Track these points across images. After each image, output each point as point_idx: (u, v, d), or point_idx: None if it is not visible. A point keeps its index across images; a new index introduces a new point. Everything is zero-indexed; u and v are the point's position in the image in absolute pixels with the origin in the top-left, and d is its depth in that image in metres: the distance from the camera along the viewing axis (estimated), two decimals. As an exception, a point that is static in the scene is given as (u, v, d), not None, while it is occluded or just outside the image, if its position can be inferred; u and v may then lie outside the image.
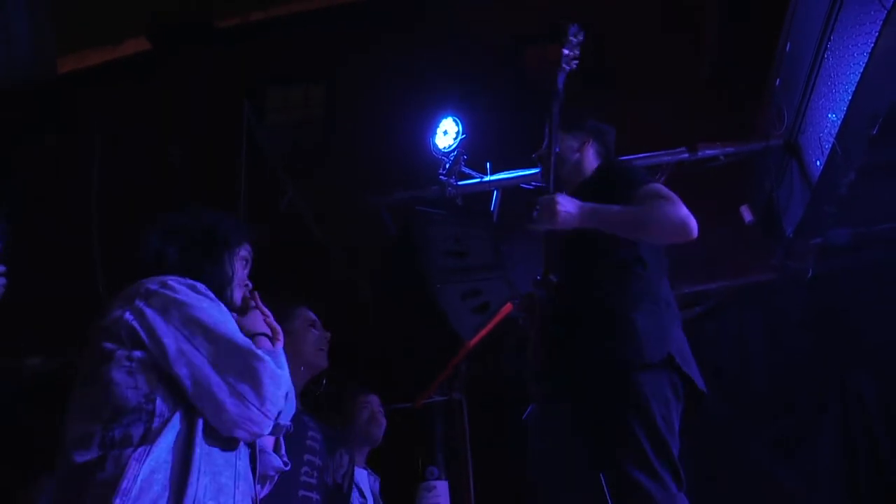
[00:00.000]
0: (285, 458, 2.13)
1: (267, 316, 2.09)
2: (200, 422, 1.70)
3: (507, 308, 3.99)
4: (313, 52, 6.36)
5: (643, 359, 2.42)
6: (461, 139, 4.27)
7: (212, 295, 1.87)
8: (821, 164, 4.32)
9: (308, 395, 3.11)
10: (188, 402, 1.71)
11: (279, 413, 1.77)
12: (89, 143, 5.81)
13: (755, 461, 4.87)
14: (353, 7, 6.29)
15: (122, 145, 5.82)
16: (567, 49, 2.79)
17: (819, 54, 4.05)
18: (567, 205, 2.52)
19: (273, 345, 2.00)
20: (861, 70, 3.62)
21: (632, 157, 4.56)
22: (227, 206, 4.91)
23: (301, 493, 2.85)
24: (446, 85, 4.72)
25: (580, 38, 2.82)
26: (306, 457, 2.95)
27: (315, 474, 2.96)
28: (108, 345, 1.73)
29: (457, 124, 4.33)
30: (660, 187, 2.66)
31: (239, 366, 1.72)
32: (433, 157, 4.33)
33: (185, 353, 1.71)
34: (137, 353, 1.72)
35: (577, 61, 2.83)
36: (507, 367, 4.98)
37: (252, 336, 1.95)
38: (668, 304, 2.63)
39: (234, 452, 1.79)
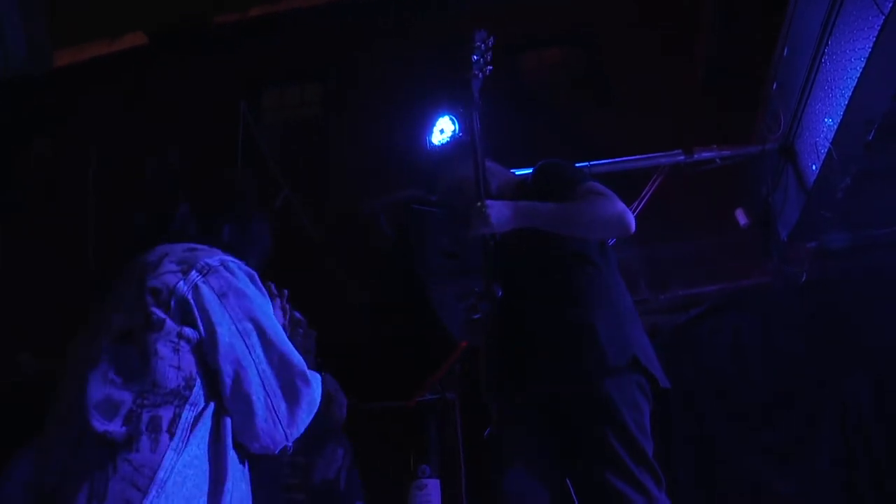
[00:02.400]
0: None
1: (285, 312, 2.00)
2: (229, 422, 1.59)
3: (500, 309, 3.98)
4: (310, 50, 6.36)
5: (609, 365, 2.36)
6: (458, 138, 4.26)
7: (266, 292, 1.76)
8: (817, 168, 4.32)
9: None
10: (221, 399, 1.59)
11: (295, 437, 1.68)
12: (85, 139, 5.80)
13: (751, 466, 4.86)
14: (351, 5, 6.29)
15: (118, 142, 5.82)
16: (476, 55, 2.76)
17: (816, 59, 4.05)
18: (498, 207, 2.47)
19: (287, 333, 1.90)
20: (858, 75, 3.63)
21: (627, 158, 4.56)
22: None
23: (284, 495, 2.83)
24: (443, 83, 4.70)
25: (489, 43, 2.78)
26: (298, 458, 2.92)
27: (299, 475, 2.93)
28: (158, 311, 1.58)
29: (454, 123, 4.31)
30: (596, 184, 2.63)
31: (285, 381, 1.61)
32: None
33: (236, 349, 1.59)
34: (188, 331, 1.58)
35: (490, 67, 2.80)
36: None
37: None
38: (625, 303, 2.59)
39: (246, 459, 1.69)
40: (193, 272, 1.63)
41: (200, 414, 1.55)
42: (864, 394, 4.90)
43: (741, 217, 5.07)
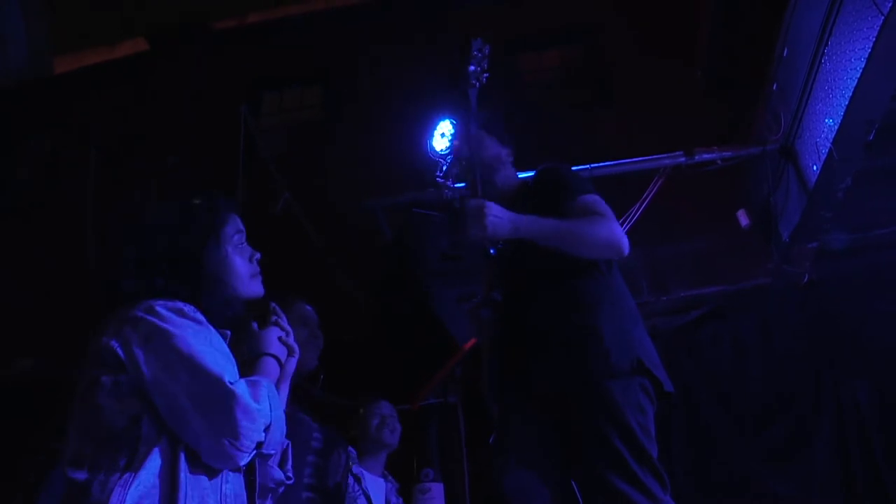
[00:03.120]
0: (290, 473, 2.10)
1: (286, 334, 2.03)
2: (182, 451, 1.70)
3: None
4: (309, 54, 6.37)
5: (613, 368, 2.35)
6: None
7: (200, 317, 1.83)
8: (817, 168, 4.33)
9: (301, 391, 3.08)
10: (172, 429, 1.71)
11: (258, 444, 1.74)
12: (85, 143, 5.80)
13: (750, 467, 4.85)
14: (349, 10, 6.30)
15: (118, 148, 5.82)
16: (474, 65, 2.74)
17: (816, 59, 4.06)
18: (497, 212, 2.42)
19: (282, 365, 1.96)
20: (858, 75, 3.63)
21: (630, 160, 4.56)
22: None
23: (304, 494, 2.84)
24: (444, 87, 4.71)
25: (486, 51, 2.76)
26: (309, 458, 2.93)
27: (316, 476, 2.95)
28: (96, 370, 1.74)
29: (454, 126, 4.31)
30: (597, 200, 2.60)
31: (212, 399, 1.69)
32: (430, 160, 4.32)
33: (162, 383, 1.70)
34: (123, 378, 1.72)
35: (487, 74, 2.78)
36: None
37: (258, 357, 1.93)
38: (628, 306, 2.58)
39: (219, 477, 1.78)
40: (126, 328, 1.77)
41: (151, 448, 1.68)
42: (863, 395, 4.89)
43: (742, 218, 5.07)
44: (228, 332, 1.93)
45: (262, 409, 1.74)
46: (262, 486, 1.96)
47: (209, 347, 1.77)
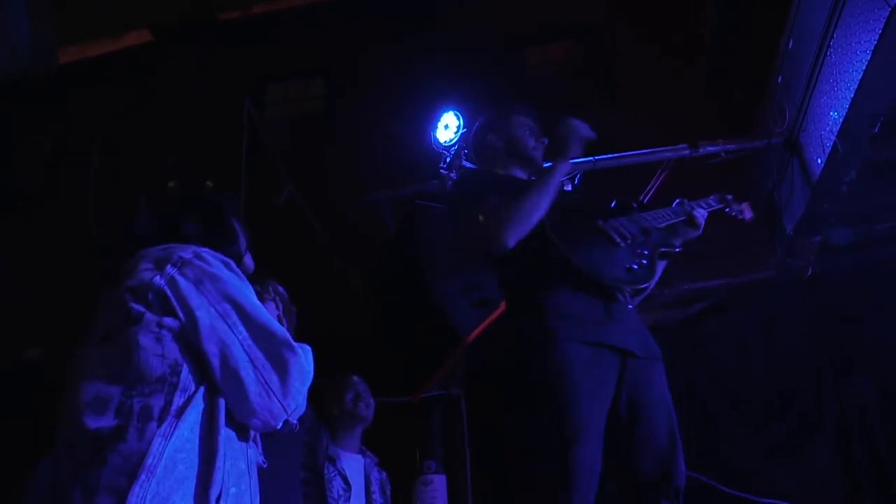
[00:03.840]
0: (262, 457, 2.11)
1: (279, 308, 2.05)
2: (223, 402, 1.64)
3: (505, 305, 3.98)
4: (313, 45, 6.36)
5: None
6: (462, 133, 4.26)
7: (242, 275, 1.81)
8: (822, 161, 4.31)
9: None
10: (212, 380, 1.65)
11: (295, 409, 1.71)
12: (88, 135, 5.80)
13: (752, 463, 4.84)
14: (353, 1, 6.29)
15: (121, 139, 5.82)
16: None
17: (822, 51, 4.04)
18: None
19: None
20: (864, 68, 3.61)
21: (634, 153, 4.55)
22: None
23: (302, 474, 2.87)
24: (448, 78, 4.71)
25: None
26: (304, 437, 2.97)
27: (310, 456, 2.98)
28: (137, 306, 1.65)
29: (458, 118, 4.32)
30: None
31: (271, 353, 1.65)
32: (434, 151, 4.32)
33: (218, 330, 1.64)
34: (168, 321, 1.64)
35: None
36: (504, 362, 4.97)
37: None
38: None
39: (248, 439, 1.76)
40: (168, 266, 1.69)
41: (190, 399, 1.60)
42: (867, 391, 4.88)
43: (747, 211, 5.04)
44: None
45: (311, 371, 1.74)
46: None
47: (259, 302, 1.76)
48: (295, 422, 1.79)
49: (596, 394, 2.41)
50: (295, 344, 1.71)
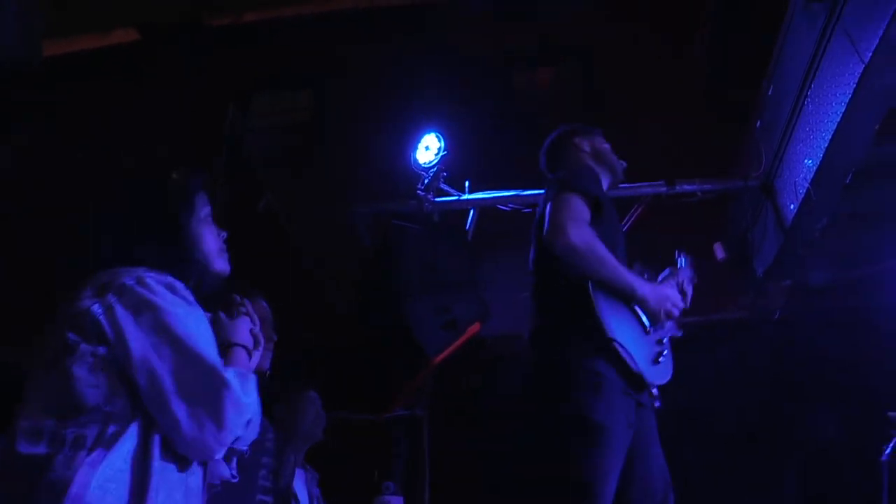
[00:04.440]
0: (234, 472, 2.08)
1: (254, 324, 1.99)
2: (158, 434, 1.62)
3: (476, 327, 3.98)
4: (304, 57, 6.36)
5: None
6: (442, 156, 4.29)
7: (190, 297, 1.76)
8: (795, 207, 4.37)
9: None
10: (147, 411, 1.62)
11: (236, 439, 1.69)
12: (69, 132, 5.76)
13: (719, 498, 4.87)
14: (347, 15, 6.31)
15: (101, 137, 5.78)
16: None
17: (800, 100, 4.11)
18: None
19: (250, 356, 1.90)
20: (838, 119, 3.67)
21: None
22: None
23: (258, 497, 2.82)
24: (432, 100, 4.74)
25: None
26: (264, 459, 2.92)
27: (270, 478, 2.94)
28: (73, 336, 1.62)
29: (439, 140, 4.34)
30: None
31: (202, 386, 1.61)
32: (413, 172, 4.34)
33: (149, 361, 1.62)
34: (102, 350, 1.62)
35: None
36: (472, 386, 4.99)
37: (229, 346, 1.85)
38: None
39: (188, 469, 1.71)
40: (109, 294, 1.67)
41: (124, 429, 1.58)
42: (833, 431, 4.93)
43: (719, 251, 5.10)
44: (209, 315, 1.89)
45: (250, 402, 1.70)
46: (209, 483, 1.90)
47: (200, 330, 1.72)
48: (244, 448, 1.79)
49: (624, 445, 2.50)
50: (231, 374, 1.68)
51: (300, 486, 3.50)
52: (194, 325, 1.70)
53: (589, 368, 2.45)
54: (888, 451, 3.98)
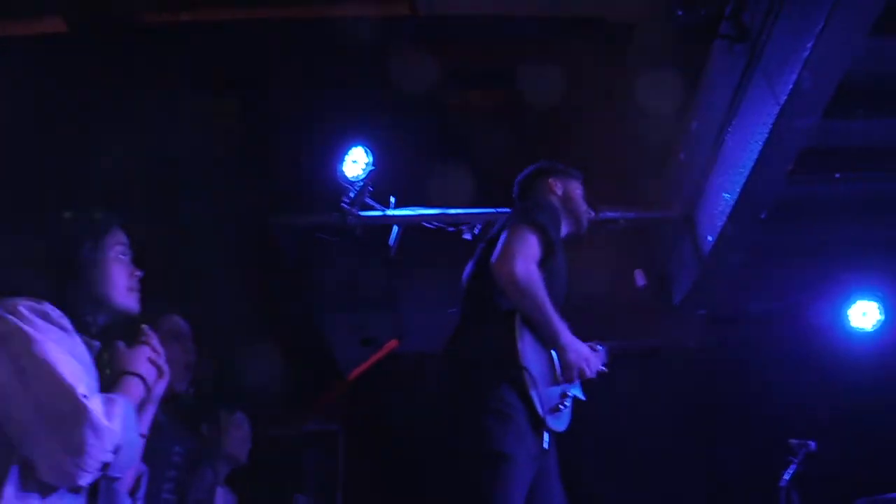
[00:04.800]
0: (140, 503, 2.03)
1: (157, 355, 1.97)
2: (16, 464, 1.62)
3: (393, 344, 3.97)
4: (233, 62, 6.26)
5: None
6: (369, 170, 4.26)
7: (67, 324, 1.77)
8: (712, 239, 4.50)
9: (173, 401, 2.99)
10: (8, 439, 1.63)
11: (104, 465, 1.67)
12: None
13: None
14: (282, 24, 6.23)
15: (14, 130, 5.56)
16: None
17: (720, 136, 4.24)
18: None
19: (150, 387, 1.89)
20: (756, 157, 3.81)
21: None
22: (120, 204, 4.76)
23: (151, 511, 2.74)
24: (362, 114, 4.71)
25: None
26: (169, 473, 2.85)
27: (177, 492, 2.86)
28: None
29: (367, 154, 4.32)
30: None
31: (61, 412, 1.62)
32: (338, 185, 4.30)
33: (11, 388, 1.63)
34: None
35: None
36: (388, 403, 4.95)
37: (121, 375, 1.84)
38: None
39: (53, 496, 1.69)
40: None
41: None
42: (737, 461, 5.05)
43: (639, 278, 5.20)
44: (97, 344, 1.87)
45: (113, 428, 1.68)
46: None
47: (68, 356, 1.71)
48: (119, 475, 1.77)
49: (529, 476, 2.50)
50: (96, 401, 1.68)
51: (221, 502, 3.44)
52: (62, 352, 1.70)
53: (500, 396, 2.45)
54: (787, 477, 4.09)
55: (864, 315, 5.19)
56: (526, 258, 2.53)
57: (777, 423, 5.01)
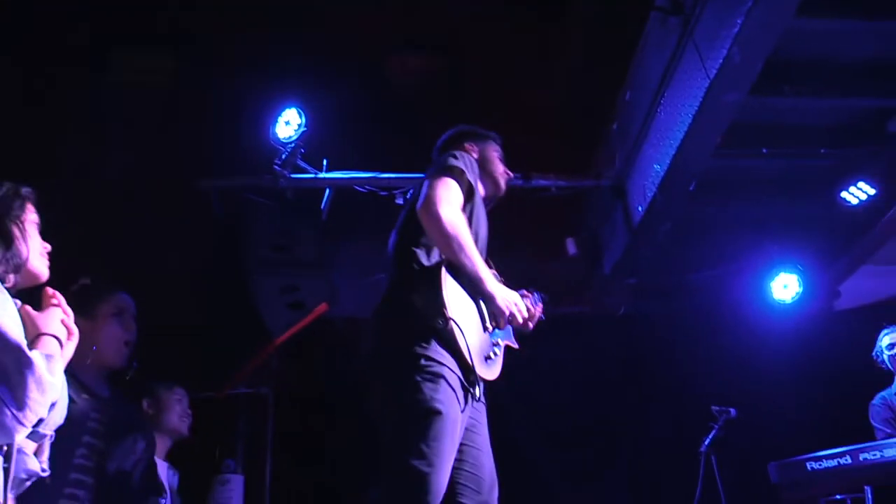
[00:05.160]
0: (45, 466, 2.00)
1: (66, 316, 1.96)
2: None
3: (323, 308, 3.94)
4: (168, 18, 6.07)
5: None
6: (302, 132, 4.20)
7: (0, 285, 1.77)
8: (642, 209, 4.57)
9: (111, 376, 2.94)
10: None
11: (40, 422, 1.67)
12: None
13: (551, 487, 5.02)
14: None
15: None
16: None
17: (653, 107, 4.29)
18: None
19: (62, 347, 1.88)
20: (686, 129, 3.87)
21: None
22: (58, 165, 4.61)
23: (73, 475, 2.68)
24: (296, 75, 4.62)
25: None
26: (85, 438, 2.79)
27: (94, 458, 2.80)
28: None
29: (300, 116, 4.25)
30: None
31: (6, 365, 1.62)
32: (271, 146, 4.22)
33: None
34: None
35: None
36: (318, 367, 4.94)
37: (37, 336, 1.83)
38: None
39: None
40: None
41: None
42: (659, 428, 5.18)
43: (571, 246, 5.26)
44: (19, 302, 1.87)
45: (56, 383, 1.69)
46: (15, 477, 1.85)
47: (5, 312, 1.71)
48: (49, 434, 1.77)
49: (459, 433, 2.49)
50: (37, 354, 1.68)
51: (162, 475, 3.41)
52: (2, 307, 1.71)
53: (428, 351, 2.46)
54: (706, 442, 4.23)
55: (784, 287, 5.36)
56: (449, 202, 2.53)
57: (700, 390, 5.17)
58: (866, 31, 4.04)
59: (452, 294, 2.48)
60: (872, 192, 4.66)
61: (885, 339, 4.29)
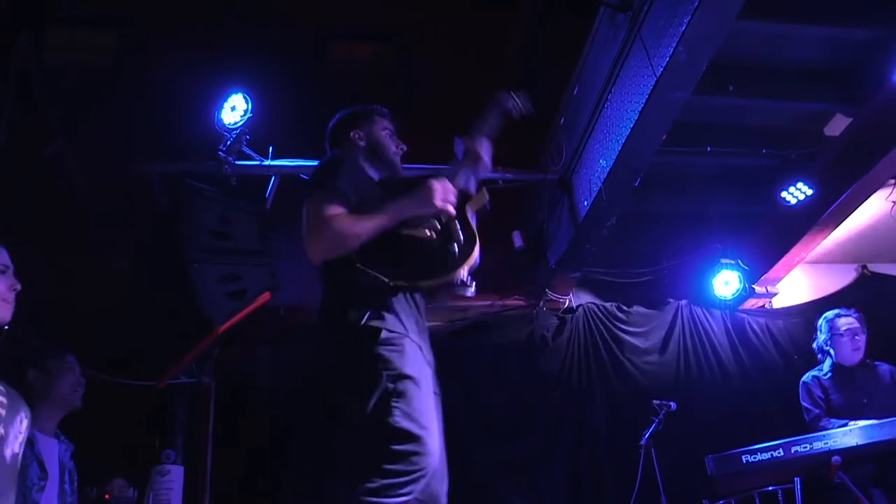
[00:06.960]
0: None
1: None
2: None
3: (265, 297, 3.88)
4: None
5: None
6: (248, 118, 4.12)
7: None
8: (588, 204, 4.61)
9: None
10: None
11: None
12: None
13: (490, 479, 5.03)
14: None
15: None
16: None
17: (600, 103, 4.33)
18: None
19: None
20: (632, 126, 3.91)
21: (413, 166, 4.60)
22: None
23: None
24: (244, 60, 4.54)
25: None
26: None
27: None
28: None
29: (246, 102, 4.17)
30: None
31: None
32: (215, 132, 4.14)
33: None
34: None
35: None
36: (259, 356, 4.87)
37: None
38: None
39: None
40: None
41: None
42: (601, 421, 5.22)
43: (517, 239, 5.28)
44: None
45: None
46: None
47: None
48: None
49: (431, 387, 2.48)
50: None
51: (50, 454, 3.24)
52: None
53: (382, 326, 2.42)
54: (647, 435, 4.29)
55: (726, 284, 5.46)
56: (328, 222, 2.41)
57: (641, 383, 5.25)
58: (808, 35, 4.15)
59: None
60: (810, 192, 4.78)
61: (823, 325, 4.34)
